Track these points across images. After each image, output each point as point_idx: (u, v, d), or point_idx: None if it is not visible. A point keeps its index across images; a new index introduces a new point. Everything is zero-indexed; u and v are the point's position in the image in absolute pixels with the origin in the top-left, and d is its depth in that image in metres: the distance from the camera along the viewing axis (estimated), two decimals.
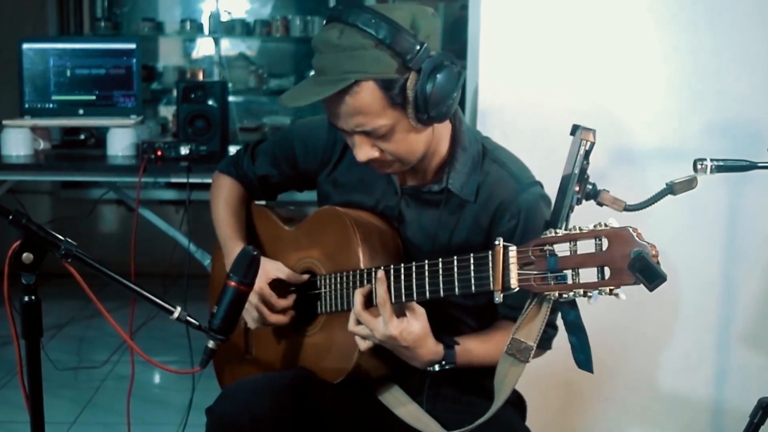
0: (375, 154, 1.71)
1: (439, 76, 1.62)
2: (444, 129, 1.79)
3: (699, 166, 1.91)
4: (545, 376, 2.34)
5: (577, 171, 1.55)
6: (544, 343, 1.83)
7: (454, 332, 1.81)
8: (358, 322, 1.73)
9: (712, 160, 1.92)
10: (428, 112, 1.64)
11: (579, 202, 1.59)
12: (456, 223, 1.84)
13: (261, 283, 1.86)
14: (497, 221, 1.80)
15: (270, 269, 1.92)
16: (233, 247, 1.98)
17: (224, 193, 2.13)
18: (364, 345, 1.74)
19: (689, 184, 1.80)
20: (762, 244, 2.66)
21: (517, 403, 1.97)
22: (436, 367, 1.76)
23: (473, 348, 1.79)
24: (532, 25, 2.60)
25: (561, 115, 2.21)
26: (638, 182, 2.52)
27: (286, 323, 1.93)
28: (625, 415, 2.78)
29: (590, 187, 1.61)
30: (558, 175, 1.56)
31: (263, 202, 2.18)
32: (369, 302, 1.73)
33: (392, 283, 1.69)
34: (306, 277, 1.94)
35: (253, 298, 1.86)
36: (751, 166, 2.01)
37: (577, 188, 1.56)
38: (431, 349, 1.73)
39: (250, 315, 1.92)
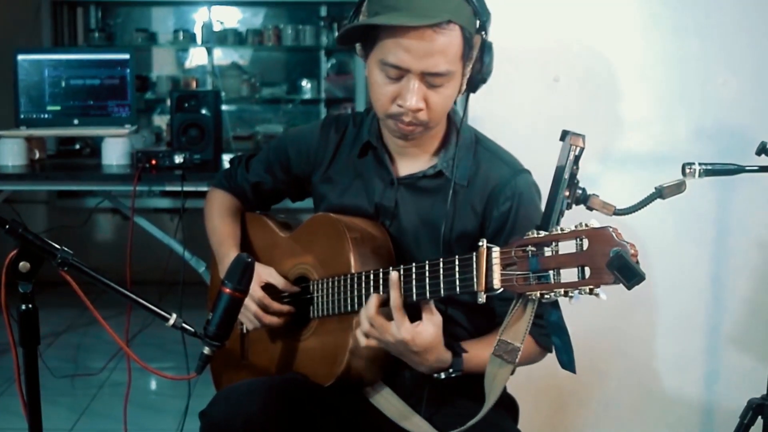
0: (422, 105, 1.74)
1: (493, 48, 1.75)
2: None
3: (687, 170, 1.93)
4: (536, 378, 2.35)
5: (566, 176, 1.56)
6: (544, 339, 1.81)
7: (445, 331, 1.81)
8: (371, 324, 1.69)
9: (700, 164, 1.94)
10: (482, 75, 1.76)
11: (569, 206, 1.60)
12: (451, 210, 1.84)
13: (256, 286, 1.89)
14: (492, 204, 1.83)
15: (263, 273, 1.94)
16: (227, 253, 2.00)
17: (217, 204, 2.16)
18: (365, 341, 1.71)
19: (678, 187, 1.82)
20: (750, 247, 2.67)
21: (509, 406, 1.98)
22: (443, 375, 1.74)
23: (480, 354, 1.76)
24: (521, 30, 2.61)
25: (550, 121, 2.23)
26: (627, 187, 2.52)
27: (279, 323, 1.95)
28: (616, 417, 2.78)
29: (580, 191, 1.62)
30: (548, 180, 1.57)
31: (258, 212, 2.20)
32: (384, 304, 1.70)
33: (381, 288, 1.69)
34: (297, 288, 1.95)
35: (249, 301, 1.88)
36: (739, 170, 2.03)
37: (567, 193, 1.57)
38: (440, 356, 1.72)
39: (247, 318, 1.95)
